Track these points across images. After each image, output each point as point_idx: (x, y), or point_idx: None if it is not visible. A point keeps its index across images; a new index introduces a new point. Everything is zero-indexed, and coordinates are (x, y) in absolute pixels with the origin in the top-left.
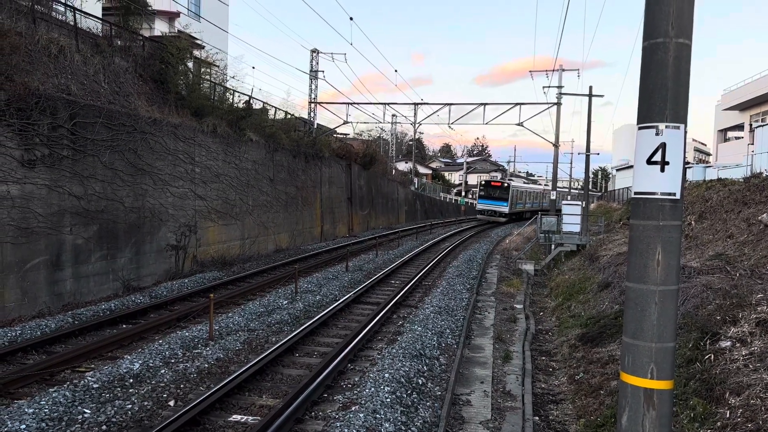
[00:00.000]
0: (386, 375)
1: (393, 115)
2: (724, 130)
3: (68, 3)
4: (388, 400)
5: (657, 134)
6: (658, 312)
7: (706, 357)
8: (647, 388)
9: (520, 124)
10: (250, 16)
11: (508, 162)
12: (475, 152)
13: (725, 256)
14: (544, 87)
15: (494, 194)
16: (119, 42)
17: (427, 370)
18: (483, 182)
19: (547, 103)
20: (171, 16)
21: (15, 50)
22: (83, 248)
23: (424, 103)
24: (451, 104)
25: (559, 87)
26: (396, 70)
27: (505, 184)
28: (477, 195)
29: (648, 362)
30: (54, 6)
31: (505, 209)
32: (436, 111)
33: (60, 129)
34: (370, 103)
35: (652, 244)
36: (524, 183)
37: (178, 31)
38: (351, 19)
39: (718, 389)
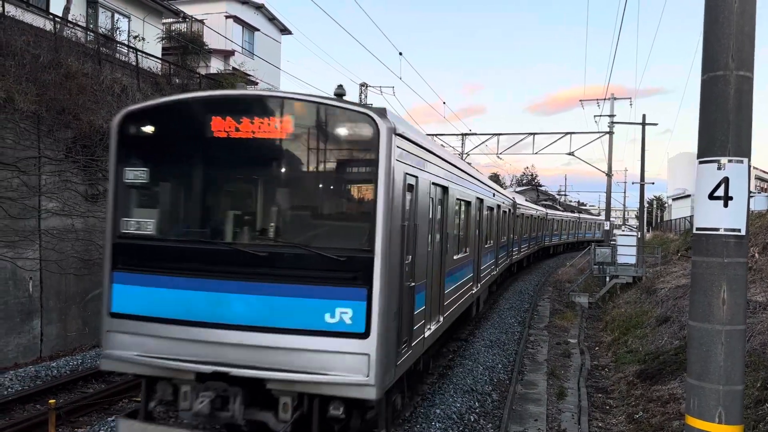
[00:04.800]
0: (437, 411)
1: (441, 146)
2: None
3: (131, 45)
4: None
5: (719, 168)
6: (725, 353)
7: None
8: None
9: (570, 154)
10: (301, 52)
11: (559, 192)
12: (524, 181)
13: None
14: (595, 116)
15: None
16: (177, 80)
17: (479, 406)
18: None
19: (599, 132)
20: (226, 55)
21: (82, 91)
22: None
23: (472, 134)
24: (500, 134)
25: (611, 116)
26: (444, 102)
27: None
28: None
29: (715, 406)
30: (118, 48)
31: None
32: (485, 141)
33: None
34: None
35: (716, 281)
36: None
37: (233, 68)
38: (400, 54)
39: None
